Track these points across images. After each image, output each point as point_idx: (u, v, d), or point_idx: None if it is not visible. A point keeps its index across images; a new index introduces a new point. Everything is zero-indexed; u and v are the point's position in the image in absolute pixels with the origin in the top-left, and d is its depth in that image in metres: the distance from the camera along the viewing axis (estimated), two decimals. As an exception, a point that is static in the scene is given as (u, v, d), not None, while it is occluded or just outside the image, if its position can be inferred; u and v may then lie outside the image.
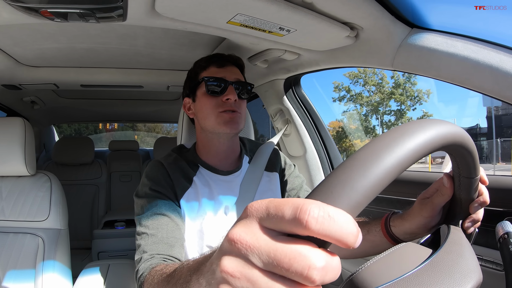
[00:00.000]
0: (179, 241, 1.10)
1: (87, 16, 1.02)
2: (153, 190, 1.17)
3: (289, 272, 0.32)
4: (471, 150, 0.60)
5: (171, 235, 1.09)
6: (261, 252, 0.34)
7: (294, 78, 1.87)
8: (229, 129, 1.22)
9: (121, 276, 1.65)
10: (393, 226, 0.92)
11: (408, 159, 0.43)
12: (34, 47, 1.55)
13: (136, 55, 1.76)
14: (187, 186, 1.22)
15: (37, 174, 1.75)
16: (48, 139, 4.15)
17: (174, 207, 1.16)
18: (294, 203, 0.34)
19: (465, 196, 0.74)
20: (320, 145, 1.96)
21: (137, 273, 1.02)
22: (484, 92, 0.97)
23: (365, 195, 0.38)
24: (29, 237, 1.61)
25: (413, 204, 0.88)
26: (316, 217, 0.32)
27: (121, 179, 3.92)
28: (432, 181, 0.85)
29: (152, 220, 1.10)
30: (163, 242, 1.06)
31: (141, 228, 1.11)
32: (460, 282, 0.48)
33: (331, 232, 0.33)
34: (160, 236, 1.07)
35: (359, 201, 0.37)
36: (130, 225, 3.09)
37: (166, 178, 1.21)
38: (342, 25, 1.15)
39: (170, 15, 1.07)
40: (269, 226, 0.36)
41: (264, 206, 0.37)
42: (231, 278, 0.35)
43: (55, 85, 2.06)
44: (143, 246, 1.07)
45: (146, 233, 1.09)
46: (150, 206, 1.14)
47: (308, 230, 0.33)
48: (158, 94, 3.02)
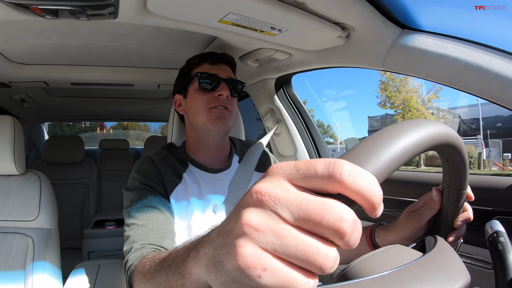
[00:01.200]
0: (170, 233, 1.08)
1: (78, 13, 1.01)
2: (143, 184, 1.16)
3: (321, 224, 0.32)
4: (465, 160, 0.62)
5: (162, 226, 1.07)
6: (292, 204, 0.33)
7: (285, 77, 1.87)
8: (218, 125, 1.23)
9: (111, 276, 1.64)
10: (377, 236, 0.94)
11: (421, 145, 0.47)
12: (24, 44, 1.54)
13: (127, 53, 1.75)
14: (177, 182, 1.22)
15: (27, 173, 1.74)
16: (37, 138, 4.11)
17: (164, 201, 1.15)
18: (326, 160, 0.34)
19: (452, 209, 0.76)
20: (311, 145, 1.97)
21: (126, 264, 0.98)
22: (474, 93, 0.98)
23: (387, 166, 0.41)
24: (19, 237, 1.59)
25: (398, 217, 0.91)
26: (349, 171, 0.33)
27: (111, 178, 3.89)
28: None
29: (142, 212, 1.08)
30: (154, 232, 1.04)
31: (131, 220, 1.08)
32: (453, 277, 0.49)
33: (361, 188, 0.33)
34: (151, 227, 1.05)
35: (382, 170, 0.40)
36: (120, 225, 3.08)
37: (156, 173, 1.20)
38: (334, 25, 1.15)
39: (161, 13, 1.07)
40: (300, 184, 0.35)
41: (292, 164, 0.36)
42: (254, 233, 0.33)
43: (45, 83, 2.04)
44: (132, 236, 1.04)
45: (136, 224, 1.06)
46: (140, 198, 1.12)
47: (341, 184, 0.33)
48: (149, 92, 3.01)
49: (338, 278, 0.52)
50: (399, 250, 0.59)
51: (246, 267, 0.32)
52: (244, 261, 0.32)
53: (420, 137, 0.47)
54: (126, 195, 1.19)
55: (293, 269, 0.33)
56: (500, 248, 0.67)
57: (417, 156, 0.49)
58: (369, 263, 0.53)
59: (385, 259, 0.54)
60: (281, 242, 0.32)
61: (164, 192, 1.18)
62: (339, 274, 0.52)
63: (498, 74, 0.91)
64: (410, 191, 1.34)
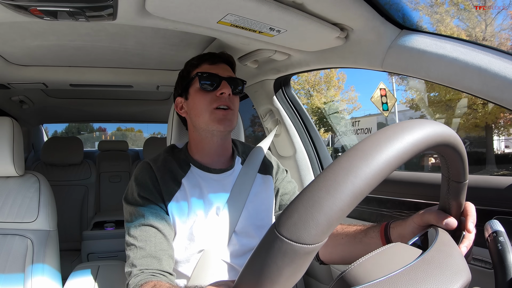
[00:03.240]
0: (166, 252, 1.11)
1: (76, 14, 1.01)
2: (141, 197, 1.17)
3: None
4: (462, 153, 0.61)
5: (159, 247, 1.11)
6: None
7: (284, 78, 1.87)
8: (223, 126, 1.22)
9: (111, 278, 1.64)
10: (392, 227, 0.98)
11: (405, 154, 0.47)
12: (23, 45, 1.54)
13: (126, 54, 1.75)
14: (175, 189, 1.22)
15: (26, 175, 1.73)
16: (36, 139, 4.11)
17: (162, 215, 1.16)
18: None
19: (454, 202, 0.76)
20: (310, 146, 1.97)
21: (127, 286, 1.06)
22: (473, 93, 0.99)
23: (367, 182, 0.42)
24: (18, 239, 1.59)
25: (398, 217, 0.94)
26: None
27: (110, 180, 3.89)
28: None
29: (140, 232, 1.12)
30: (151, 256, 1.08)
31: (130, 239, 1.13)
32: (451, 279, 0.49)
33: None
34: (149, 250, 1.09)
35: (362, 188, 0.41)
36: (119, 226, 3.08)
37: (154, 183, 1.20)
38: (333, 26, 1.15)
39: (160, 15, 1.07)
40: None
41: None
42: None
43: (44, 85, 2.04)
44: (132, 259, 1.09)
45: (135, 245, 1.11)
46: (139, 215, 1.15)
47: None
48: (148, 94, 3.01)
49: (337, 281, 0.52)
50: (397, 251, 0.59)
51: None
52: None
53: (407, 144, 0.48)
54: (125, 207, 1.20)
55: None
56: (499, 247, 0.67)
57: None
58: (367, 266, 0.53)
59: (383, 261, 0.54)
60: None
61: (161, 202, 1.19)
62: (338, 277, 0.52)
63: (497, 74, 0.92)
64: (410, 192, 1.34)
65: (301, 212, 0.43)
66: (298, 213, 0.44)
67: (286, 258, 0.43)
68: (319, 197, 0.43)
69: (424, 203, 1.28)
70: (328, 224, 0.42)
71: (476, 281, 0.72)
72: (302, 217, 0.43)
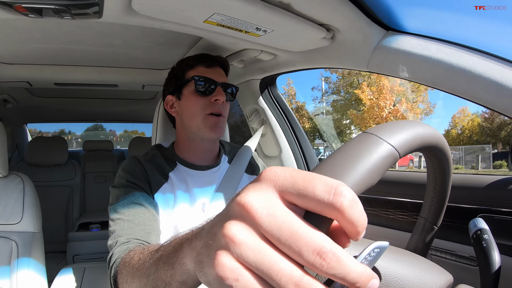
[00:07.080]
0: (155, 230, 1.08)
1: (62, 12, 1.00)
2: (129, 182, 1.17)
3: (301, 255, 0.30)
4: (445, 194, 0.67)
5: (148, 223, 1.07)
6: (274, 226, 0.31)
7: (270, 78, 1.88)
8: (215, 134, 1.24)
9: (97, 280, 1.63)
10: None
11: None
12: (7, 43, 1.52)
13: (112, 53, 1.74)
14: (163, 181, 1.22)
15: (10, 176, 1.71)
16: (21, 139, 4.05)
17: (150, 200, 1.15)
18: (326, 182, 0.31)
19: (421, 244, 0.78)
20: (296, 145, 1.98)
21: (110, 258, 0.96)
22: (458, 94, 1.00)
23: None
24: (2, 241, 1.56)
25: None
26: (351, 201, 0.31)
27: (95, 180, 3.85)
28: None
29: (128, 208, 1.08)
30: (140, 227, 1.03)
31: (116, 215, 1.07)
32: None
33: (357, 219, 0.31)
34: (137, 222, 1.04)
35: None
36: (105, 227, 3.02)
37: (143, 172, 1.21)
38: (319, 27, 1.16)
39: (146, 13, 1.06)
40: (291, 200, 0.33)
41: (288, 175, 0.33)
42: (231, 244, 0.31)
43: (28, 83, 2.01)
44: (118, 231, 1.03)
45: (122, 219, 1.05)
46: (127, 195, 1.12)
47: (340, 213, 0.31)
48: (134, 93, 2.99)
49: None
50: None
51: (220, 275, 0.31)
52: (219, 269, 0.31)
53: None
54: (112, 192, 1.18)
55: (264, 286, 0.31)
56: (484, 245, 0.69)
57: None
58: None
59: None
60: (255, 258, 0.31)
61: (149, 191, 1.18)
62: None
63: (481, 75, 0.93)
64: (406, 192, 1.35)
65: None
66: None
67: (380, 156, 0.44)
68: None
69: (409, 202, 1.30)
70: None
71: (461, 278, 0.73)
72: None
